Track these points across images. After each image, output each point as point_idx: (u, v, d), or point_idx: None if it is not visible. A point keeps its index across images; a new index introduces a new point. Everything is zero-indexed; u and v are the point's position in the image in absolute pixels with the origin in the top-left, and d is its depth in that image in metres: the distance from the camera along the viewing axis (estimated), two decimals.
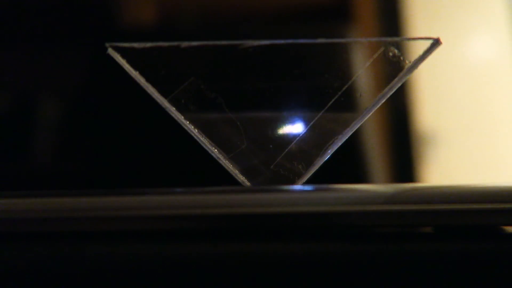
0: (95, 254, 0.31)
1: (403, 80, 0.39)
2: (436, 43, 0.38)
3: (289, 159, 0.39)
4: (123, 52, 0.38)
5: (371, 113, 0.39)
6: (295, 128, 0.39)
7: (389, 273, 0.30)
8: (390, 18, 0.91)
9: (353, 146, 0.82)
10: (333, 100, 0.39)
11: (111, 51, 0.38)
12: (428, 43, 0.38)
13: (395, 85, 0.39)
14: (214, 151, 0.39)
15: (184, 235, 0.32)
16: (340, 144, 0.39)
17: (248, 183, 0.39)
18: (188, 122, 0.39)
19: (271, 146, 0.39)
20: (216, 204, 0.32)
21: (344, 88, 0.39)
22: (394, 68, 0.39)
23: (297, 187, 0.38)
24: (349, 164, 0.82)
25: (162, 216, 0.32)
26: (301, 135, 0.39)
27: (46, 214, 0.32)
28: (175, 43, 0.38)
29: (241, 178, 0.39)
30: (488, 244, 0.31)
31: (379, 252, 0.31)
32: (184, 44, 0.38)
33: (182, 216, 0.32)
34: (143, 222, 0.32)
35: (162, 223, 0.32)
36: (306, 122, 0.39)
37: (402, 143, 0.90)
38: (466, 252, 0.31)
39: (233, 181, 0.39)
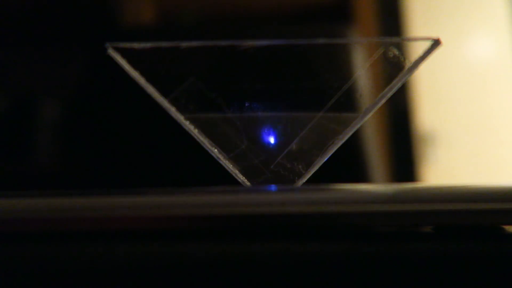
0: (95, 254, 0.31)
1: (403, 81, 0.39)
2: (436, 43, 0.38)
3: (289, 159, 0.39)
4: (123, 52, 0.38)
5: (371, 113, 0.39)
6: (295, 128, 0.39)
7: (389, 273, 0.30)
8: (390, 18, 0.91)
9: (353, 146, 0.82)
10: (333, 100, 0.39)
11: (111, 51, 0.38)
12: (428, 43, 0.38)
13: (395, 85, 0.39)
14: (214, 151, 0.39)
15: (184, 235, 0.32)
16: (340, 144, 0.39)
17: (248, 183, 0.39)
18: (188, 122, 0.39)
19: (271, 146, 0.39)
20: (216, 204, 0.32)
21: (344, 88, 0.39)
22: (394, 68, 0.39)
23: (297, 187, 0.38)
24: (349, 164, 0.82)
25: (162, 216, 0.32)
26: (301, 135, 0.39)
27: (46, 214, 0.32)
28: (175, 43, 0.38)
29: (241, 178, 0.39)
30: (488, 244, 0.31)
31: (379, 252, 0.31)
32: (184, 44, 0.38)
33: (182, 216, 0.32)
34: (143, 222, 0.32)
35: (162, 223, 0.32)
36: (306, 122, 0.39)
37: (402, 143, 0.90)
38: (466, 252, 0.31)
39: (233, 181, 0.39)
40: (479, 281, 0.30)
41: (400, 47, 0.39)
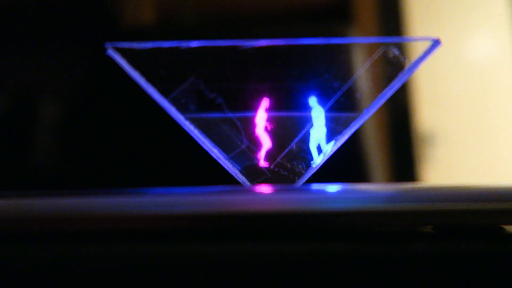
0: (95, 254, 0.31)
1: (403, 81, 0.39)
2: (436, 43, 0.38)
3: (289, 159, 0.39)
4: (123, 52, 0.38)
5: (371, 113, 0.39)
6: (295, 128, 0.39)
7: (389, 273, 0.30)
8: (390, 18, 0.91)
9: (353, 146, 0.82)
10: (333, 100, 0.39)
11: (111, 51, 0.38)
12: (428, 43, 0.38)
13: (395, 85, 0.39)
14: (214, 151, 0.39)
15: (184, 235, 0.32)
16: (340, 144, 0.39)
17: (248, 183, 0.39)
18: (188, 122, 0.39)
19: (271, 146, 0.39)
20: (216, 204, 0.32)
21: (344, 89, 0.39)
22: (394, 68, 0.39)
23: (297, 187, 0.38)
24: (349, 164, 0.82)
25: (162, 216, 0.32)
26: (301, 135, 0.39)
27: (46, 214, 0.32)
28: (175, 43, 0.38)
29: (241, 178, 0.39)
30: (488, 244, 0.31)
31: (379, 252, 0.31)
32: (184, 44, 0.38)
33: (182, 216, 0.32)
34: (143, 222, 0.32)
35: (162, 223, 0.32)
36: (306, 122, 0.39)
37: (402, 143, 0.90)
38: (466, 252, 0.31)
39: (233, 181, 0.39)
40: (479, 281, 0.30)
41: (400, 47, 0.39)
